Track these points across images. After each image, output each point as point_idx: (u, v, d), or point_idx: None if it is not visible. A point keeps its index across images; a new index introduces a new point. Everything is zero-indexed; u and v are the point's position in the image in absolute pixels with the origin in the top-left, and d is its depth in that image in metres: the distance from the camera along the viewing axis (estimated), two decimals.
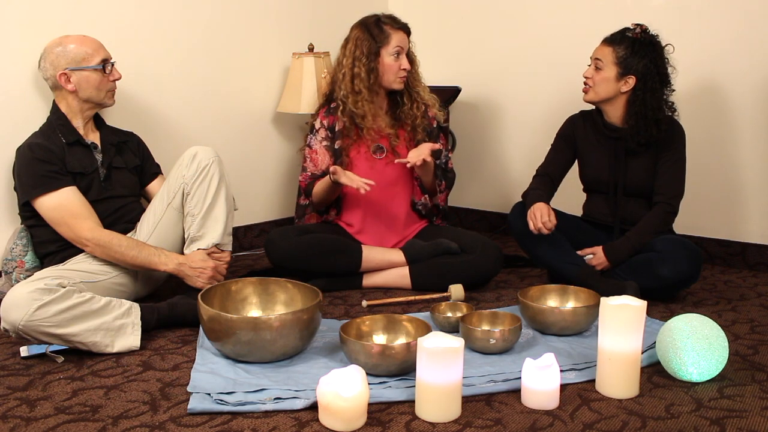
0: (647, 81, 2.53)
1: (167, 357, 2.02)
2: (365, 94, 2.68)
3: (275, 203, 3.45)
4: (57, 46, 2.36)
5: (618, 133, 2.63)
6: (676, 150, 2.61)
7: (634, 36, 2.54)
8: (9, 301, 1.94)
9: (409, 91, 2.78)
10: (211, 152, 2.40)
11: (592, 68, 2.61)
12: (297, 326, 1.91)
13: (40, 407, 1.71)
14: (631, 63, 2.53)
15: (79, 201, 2.29)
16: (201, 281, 2.32)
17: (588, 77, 2.62)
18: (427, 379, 1.64)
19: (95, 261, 2.29)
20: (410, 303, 2.52)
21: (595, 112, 2.71)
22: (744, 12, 2.92)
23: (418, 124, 2.77)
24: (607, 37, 2.61)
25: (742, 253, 3.05)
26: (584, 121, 2.75)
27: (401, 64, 2.70)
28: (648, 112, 2.54)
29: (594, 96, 2.62)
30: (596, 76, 2.59)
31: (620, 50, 2.54)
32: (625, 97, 2.59)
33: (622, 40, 2.55)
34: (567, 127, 2.78)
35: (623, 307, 1.76)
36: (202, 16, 3.04)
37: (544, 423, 1.66)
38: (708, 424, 1.66)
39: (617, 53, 2.54)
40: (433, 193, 2.82)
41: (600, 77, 2.58)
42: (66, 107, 2.39)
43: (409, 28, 2.75)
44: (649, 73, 2.53)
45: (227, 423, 1.64)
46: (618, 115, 2.63)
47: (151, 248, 2.32)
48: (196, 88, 3.06)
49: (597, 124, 2.69)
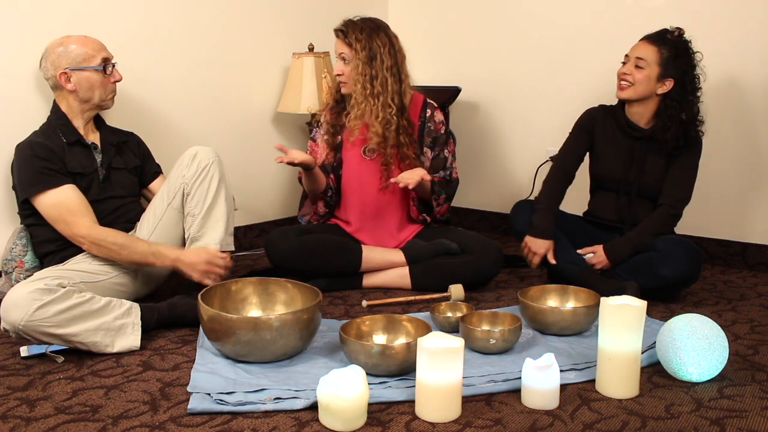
0: (685, 85, 2.52)
1: (167, 357, 2.02)
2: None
3: (275, 203, 3.45)
4: (58, 45, 2.36)
5: (640, 133, 2.62)
6: (692, 156, 2.61)
7: (673, 39, 2.53)
8: (9, 301, 1.94)
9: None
10: (211, 152, 2.40)
11: (631, 65, 2.57)
12: (297, 326, 1.91)
13: (40, 407, 1.71)
14: (672, 66, 2.51)
15: (77, 199, 2.29)
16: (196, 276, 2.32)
17: (628, 74, 2.57)
18: (427, 379, 1.64)
19: (95, 261, 2.29)
20: (410, 303, 2.52)
21: (617, 108, 2.68)
22: (744, 12, 2.92)
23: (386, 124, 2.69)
24: (649, 35, 2.57)
25: (742, 253, 3.05)
26: (604, 115, 2.71)
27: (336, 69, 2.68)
28: (680, 116, 2.53)
29: (632, 93, 2.57)
30: (637, 74, 2.55)
31: (665, 51, 2.52)
32: (659, 99, 2.57)
33: (665, 41, 2.53)
34: (586, 119, 2.74)
35: (623, 307, 1.76)
36: (202, 16, 3.04)
37: (544, 423, 1.66)
38: (708, 424, 1.66)
39: (662, 54, 2.52)
40: (430, 209, 2.79)
41: (642, 75, 2.54)
42: (66, 107, 2.39)
43: (338, 31, 2.67)
44: (688, 79, 2.52)
45: (227, 423, 1.64)
46: (646, 114, 2.61)
47: (146, 244, 2.31)
48: (197, 88, 3.06)
49: (619, 121, 2.67)
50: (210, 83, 3.11)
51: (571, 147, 2.74)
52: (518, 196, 3.49)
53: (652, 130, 2.59)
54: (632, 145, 2.64)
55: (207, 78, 3.09)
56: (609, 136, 2.69)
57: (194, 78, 3.05)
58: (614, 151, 2.68)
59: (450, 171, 2.80)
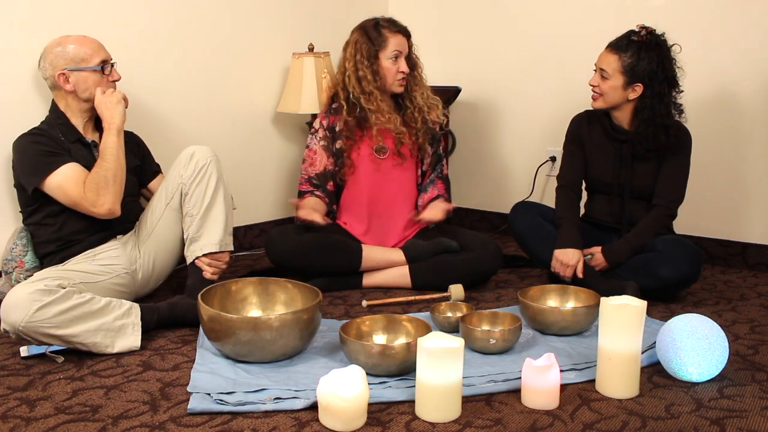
0: (655, 87, 2.49)
1: (167, 357, 2.02)
2: (377, 95, 2.68)
3: (275, 203, 3.45)
4: (56, 46, 2.35)
5: (625, 136, 2.61)
6: (682, 155, 2.60)
7: (639, 39, 2.48)
8: (9, 302, 1.93)
9: (409, 95, 2.77)
10: (209, 152, 2.40)
11: (597, 76, 2.56)
12: (297, 326, 1.91)
13: (40, 407, 1.71)
14: (638, 70, 2.47)
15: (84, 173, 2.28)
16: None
17: (595, 85, 2.57)
18: (427, 379, 1.64)
19: (95, 261, 2.29)
20: (410, 303, 2.52)
21: (602, 113, 2.68)
22: (744, 12, 2.92)
23: (419, 128, 2.77)
24: (611, 43, 2.55)
25: (742, 253, 3.05)
26: (590, 121, 2.72)
27: (399, 67, 2.70)
28: (656, 118, 2.51)
29: (603, 104, 2.58)
30: (603, 84, 2.54)
31: (626, 58, 2.48)
32: (633, 104, 2.56)
33: (628, 46, 2.49)
34: (573, 129, 2.75)
35: (623, 307, 1.76)
36: (202, 16, 3.04)
37: (544, 423, 1.66)
38: (708, 424, 1.66)
39: (623, 61, 2.49)
40: None
41: (607, 86, 2.53)
42: (65, 107, 2.39)
43: (408, 32, 2.74)
44: (657, 79, 2.48)
45: (227, 423, 1.64)
46: (626, 118, 2.60)
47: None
48: (197, 88, 3.06)
49: (604, 126, 2.67)
50: (210, 83, 3.11)
51: (569, 162, 2.74)
52: (518, 196, 3.49)
53: (635, 132, 2.58)
54: (620, 148, 2.64)
55: (207, 78, 3.09)
56: (596, 140, 2.70)
57: (194, 78, 3.05)
58: (603, 155, 2.68)
59: (442, 168, 2.86)
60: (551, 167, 3.44)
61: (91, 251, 2.33)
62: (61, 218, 2.32)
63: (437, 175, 2.85)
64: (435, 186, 2.84)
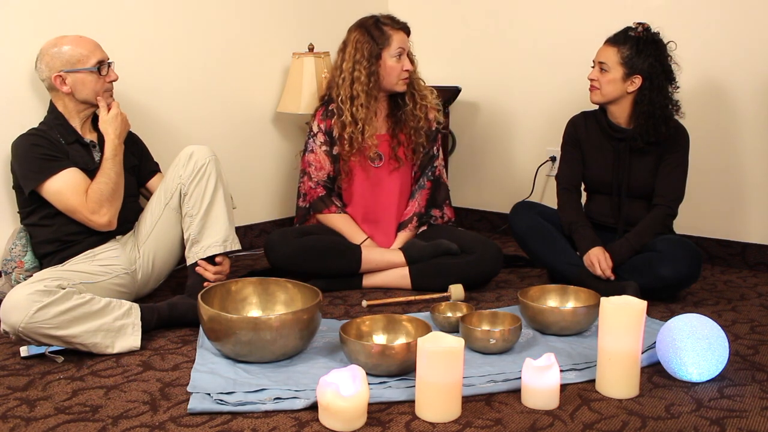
0: (653, 79, 2.52)
1: (167, 357, 2.02)
2: (362, 99, 2.62)
3: (275, 203, 3.45)
4: (52, 47, 2.34)
5: (623, 134, 2.62)
6: (680, 153, 2.60)
7: (636, 35, 2.53)
8: (9, 303, 1.93)
9: (412, 92, 2.75)
10: (208, 151, 2.39)
11: (596, 70, 2.59)
12: (297, 326, 1.91)
13: (40, 407, 1.71)
14: (637, 63, 2.51)
15: (83, 180, 2.28)
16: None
17: (594, 79, 2.59)
18: (427, 379, 1.64)
19: (95, 262, 2.29)
20: (410, 303, 2.52)
21: (599, 112, 2.69)
22: (745, 11, 2.92)
23: (420, 126, 2.75)
24: (610, 38, 2.59)
25: (742, 253, 3.05)
26: (586, 121, 2.73)
27: (403, 65, 2.67)
28: (656, 110, 2.53)
29: (601, 97, 2.60)
30: (602, 78, 2.57)
31: (625, 50, 2.52)
32: (632, 97, 2.57)
33: (626, 39, 2.54)
34: (570, 131, 2.75)
35: (623, 307, 1.76)
36: (202, 15, 3.04)
37: (544, 423, 1.66)
38: (708, 424, 1.66)
39: (622, 54, 2.53)
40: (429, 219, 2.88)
41: (606, 79, 2.56)
42: (63, 108, 2.38)
43: (408, 28, 2.72)
44: (655, 72, 2.52)
45: (227, 423, 1.64)
46: (624, 115, 2.61)
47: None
48: (196, 88, 3.06)
49: (601, 125, 2.68)
50: (210, 83, 3.11)
51: (568, 165, 2.75)
52: (518, 196, 3.49)
53: (633, 129, 2.59)
54: (617, 146, 2.64)
55: (207, 78, 3.09)
56: (594, 140, 2.70)
57: (194, 78, 3.04)
58: (600, 155, 2.68)
59: (434, 169, 2.83)
60: (551, 167, 3.44)
61: (91, 251, 2.33)
62: (58, 219, 2.31)
63: (428, 177, 2.81)
64: (421, 193, 2.81)
